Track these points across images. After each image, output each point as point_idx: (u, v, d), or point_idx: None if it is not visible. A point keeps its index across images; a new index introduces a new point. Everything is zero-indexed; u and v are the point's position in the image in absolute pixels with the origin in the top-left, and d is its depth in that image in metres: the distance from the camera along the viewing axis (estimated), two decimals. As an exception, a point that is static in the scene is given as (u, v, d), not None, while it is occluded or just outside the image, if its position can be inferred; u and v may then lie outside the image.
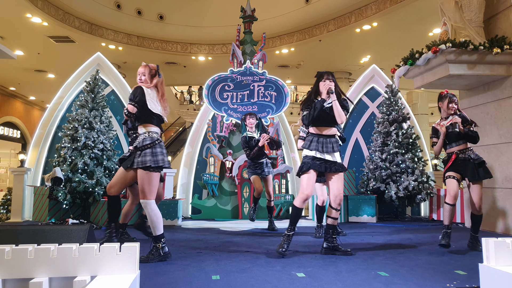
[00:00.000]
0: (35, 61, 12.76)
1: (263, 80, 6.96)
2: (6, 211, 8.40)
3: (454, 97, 3.75)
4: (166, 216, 5.83)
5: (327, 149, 3.34)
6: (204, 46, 12.91)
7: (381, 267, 2.91)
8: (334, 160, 3.38)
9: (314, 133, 3.43)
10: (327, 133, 3.40)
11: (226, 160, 6.67)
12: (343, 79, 14.37)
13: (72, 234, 2.62)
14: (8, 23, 9.98)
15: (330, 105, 3.33)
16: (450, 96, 3.75)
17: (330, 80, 3.39)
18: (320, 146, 3.35)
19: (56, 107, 7.01)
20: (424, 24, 9.92)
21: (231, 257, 3.30)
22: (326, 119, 3.37)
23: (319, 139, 3.38)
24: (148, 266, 2.93)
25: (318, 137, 3.39)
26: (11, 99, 16.38)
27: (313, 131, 3.45)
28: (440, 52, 4.46)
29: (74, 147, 5.76)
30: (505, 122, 4.76)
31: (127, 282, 1.57)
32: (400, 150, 6.30)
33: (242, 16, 7.53)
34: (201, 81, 13.95)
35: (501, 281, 1.81)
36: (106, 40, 11.64)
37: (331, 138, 3.40)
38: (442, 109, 3.79)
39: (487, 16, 4.94)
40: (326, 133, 3.40)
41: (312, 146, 3.37)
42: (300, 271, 2.76)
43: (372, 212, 6.11)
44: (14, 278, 1.62)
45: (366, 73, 7.69)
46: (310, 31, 11.53)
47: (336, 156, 3.41)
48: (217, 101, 6.85)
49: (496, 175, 4.87)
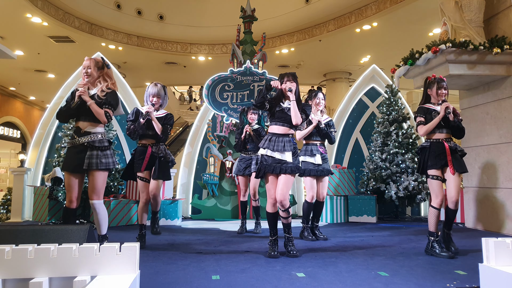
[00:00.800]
0: (35, 61, 12.76)
1: (263, 80, 6.95)
2: (6, 211, 8.40)
3: (443, 82, 3.46)
4: (166, 216, 5.83)
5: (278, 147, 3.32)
6: (204, 46, 12.91)
7: (381, 267, 2.91)
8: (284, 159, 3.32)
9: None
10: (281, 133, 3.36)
11: (226, 160, 6.67)
12: (343, 79, 14.37)
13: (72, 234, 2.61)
14: (8, 23, 9.98)
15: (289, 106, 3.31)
16: (438, 81, 3.45)
17: (290, 82, 3.36)
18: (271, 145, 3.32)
19: (56, 107, 7.00)
20: (424, 24, 9.92)
21: (231, 257, 3.30)
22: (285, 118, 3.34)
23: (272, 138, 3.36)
24: (148, 266, 2.93)
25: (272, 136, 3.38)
26: (11, 99, 16.38)
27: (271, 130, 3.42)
28: (440, 52, 4.46)
29: (74, 147, 5.75)
30: (505, 122, 4.76)
31: (127, 282, 1.57)
32: (400, 150, 6.30)
33: (242, 16, 7.53)
34: (201, 81, 13.93)
35: (501, 281, 1.81)
36: (106, 40, 11.64)
37: (284, 137, 3.36)
38: (432, 96, 3.49)
39: (487, 16, 4.94)
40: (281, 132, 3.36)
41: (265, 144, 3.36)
42: (300, 271, 2.76)
43: (372, 212, 6.10)
44: (14, 278, 1.62)
45: (366, 73, 7.69)
46: (310, 31, 11.53)
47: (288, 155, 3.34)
48: (217, 101, 6.84)
49: (496, 175, 4.87)
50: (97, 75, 3.19)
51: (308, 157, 4.19)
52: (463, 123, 3.54)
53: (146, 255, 3.36)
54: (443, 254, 3.24)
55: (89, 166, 3.05)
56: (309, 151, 4.22)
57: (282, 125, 3.36)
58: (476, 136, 5.24)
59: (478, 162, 5.20)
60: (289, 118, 3.32)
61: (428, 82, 3.53)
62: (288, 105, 3.34)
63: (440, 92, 3.44)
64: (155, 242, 4.12)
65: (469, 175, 5.35)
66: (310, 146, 4.25)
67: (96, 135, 3.10)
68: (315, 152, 4.20)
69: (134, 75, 14.56)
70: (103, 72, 3.22)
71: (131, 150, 6.27)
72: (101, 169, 3.08)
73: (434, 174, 3.37)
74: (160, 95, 3.77)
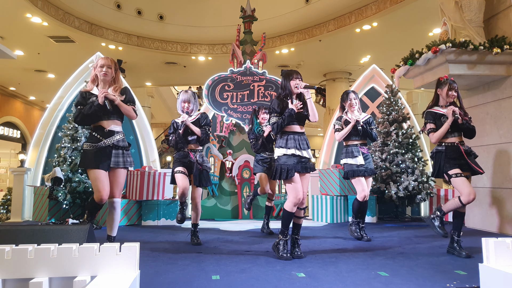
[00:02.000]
0: (35, 61, 12.76)
1: (263, 80, 6.95)
2: (6, 211, 8.40)
3: (454, 84, 3.44)
4: (166, 216, 5.84)
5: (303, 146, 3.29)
6: (204, 46, 12.91)
7: (381, 267, 2.91)
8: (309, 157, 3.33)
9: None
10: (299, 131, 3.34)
11: (226, 160, 6.67)
12: (343, 79, 14.37)
13: (72, 234, 2.61)
14: (8, 23, 9.97)
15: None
16: (450, 82, 3.44)
17: (299, 79, 3.33)
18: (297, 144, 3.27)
19: (56, 107, 7.01)
20: (424, 24, 9.91)
21: (231, 257, 3.30)
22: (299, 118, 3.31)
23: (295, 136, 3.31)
24: (148, 266, 2.93)
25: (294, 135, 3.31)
26: (11, 99, 16.38)
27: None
28: (440, 52, 4.46)
29: (74, 147, 5.76)
30: (505, 122, 4.75)
31: (127, 282, 1.57)
32: (400, 150, 6.30)
33: (242, 16, 7.53)
34: (201, 81, 13.95)
35: (501, 281, 1.81)
36: (106, 40, 11.64)
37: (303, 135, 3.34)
38: (441, 96, 3.48)
39: (487, 16, 4.94)
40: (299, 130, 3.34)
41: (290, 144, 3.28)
42: (300, 271, 2.76)
43: (372, 212, 6.10)
44: (14, 278, 1.62)
45: (366, 73, 7.69)
46: (310, 31, 11.53)
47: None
48: (217, 101, 6.84)
49: (496, 175, 4.87)
50: (113, 75, 3.23)
51: (350, 159, 4.19)
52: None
53: (146, 255, 3.36)
54: (440, 231, 3.37)
55: (116, 164, 3.13)
56: (350, 153, 4.21)
57: (299, 123, 3.31)
58: (476, 136, 5.15)
59: (478, 162, 5.19)
60: (303, 116, 3.31)
61: (440, 82, 3.52)
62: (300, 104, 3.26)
63: (450, 94, 3.42)
64: (155, 242, 4.12)
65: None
66: (351, 147, 4.23)
67: (120, 134, 3.19)
68: (356, 153, 4.17)
69: (134, 75, 14.56)
70: (117, 73, 3.28)
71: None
72: (126, 167, 3.20)
73: (456, 173, 3.33)
74: (191, 101, 3.97)
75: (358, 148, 4.21)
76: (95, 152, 3.09)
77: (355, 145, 4.23)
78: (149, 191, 5.88)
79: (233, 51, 7.33)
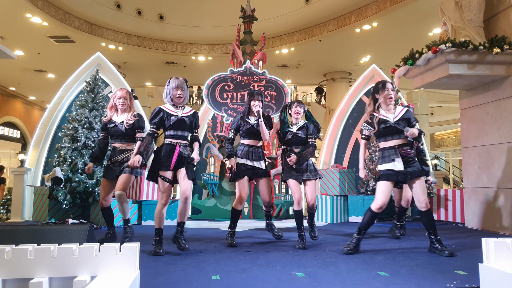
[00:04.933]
0: (35, 61, 12.77)
1: (263, 80, 6.95)
2: (6, 211, 8.39)
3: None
4: (167, 216, 5.81)
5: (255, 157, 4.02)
6: (204, 46, 12.92)
7: (381, 267, 2.90)
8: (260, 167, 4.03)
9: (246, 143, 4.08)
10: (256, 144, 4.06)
11: (226, 160, 6.66)
12: (343, 79, 14.37)
13: (72, 234, 2.61)
14: (8, 23, 9.98)
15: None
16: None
17: (259, 101, 3.94)
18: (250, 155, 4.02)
19: (56, 107, 7.01)
20: (424, 24, 9.92)
21: (231, 257, 3.30)
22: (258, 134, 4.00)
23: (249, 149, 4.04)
24: (148, 266, 2.93)
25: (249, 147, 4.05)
26: (11, 99, 16.39)
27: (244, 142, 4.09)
28: (440, 52, 4.46)
29: (74, 147, 5.75)
30: (505, 122, 4.75)
31: (127, 282, 1.57)
32: (400, 150, 6.29)
33: (242, 16, 7.53)
34: (201, 81, 13.96)
35: (501, 281, 1.81)
36: (106, 40, 11.65)
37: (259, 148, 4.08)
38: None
39: (487, 16, 4.94)
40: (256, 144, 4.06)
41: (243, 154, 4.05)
42: (300, 271, 2.76)
43: (372, 212, 6.09)
44: (14, 278, 1.62)
45: (366, 73, 7.69)
46: (310, 31, 11.53)
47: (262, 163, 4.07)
48: (217, 101, 6.84)
49: (496, 175, 4.87)
50: (128, 104, 4.14)
51: (386, 164, 3.53)
52: (462, 122, 3.62)
53: (146, 255, 3.36)
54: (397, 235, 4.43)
55: (122, 171, 4.07)
56: (386, 157, 3.55)
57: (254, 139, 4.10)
58: (476, 136, 5.23)
59: (478, 162, 5.20)
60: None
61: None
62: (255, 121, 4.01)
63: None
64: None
65: (469, 175, 5.35)
66: (387, 150, 3.56)
67: (129, 152, 4.14)
68: (393, 157, 3.49)
69: (134, 75, 14.57)
70: (131, 101, 4.16)
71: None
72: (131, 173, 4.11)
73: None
74: (184, 88, 3.52)
75: (395, 150, 3.50)
76: (111, 165, 4.21)
77: (391, 148, 3.53)
78: (149, 191, 5.89)
79: (233, 51, 7.33)
